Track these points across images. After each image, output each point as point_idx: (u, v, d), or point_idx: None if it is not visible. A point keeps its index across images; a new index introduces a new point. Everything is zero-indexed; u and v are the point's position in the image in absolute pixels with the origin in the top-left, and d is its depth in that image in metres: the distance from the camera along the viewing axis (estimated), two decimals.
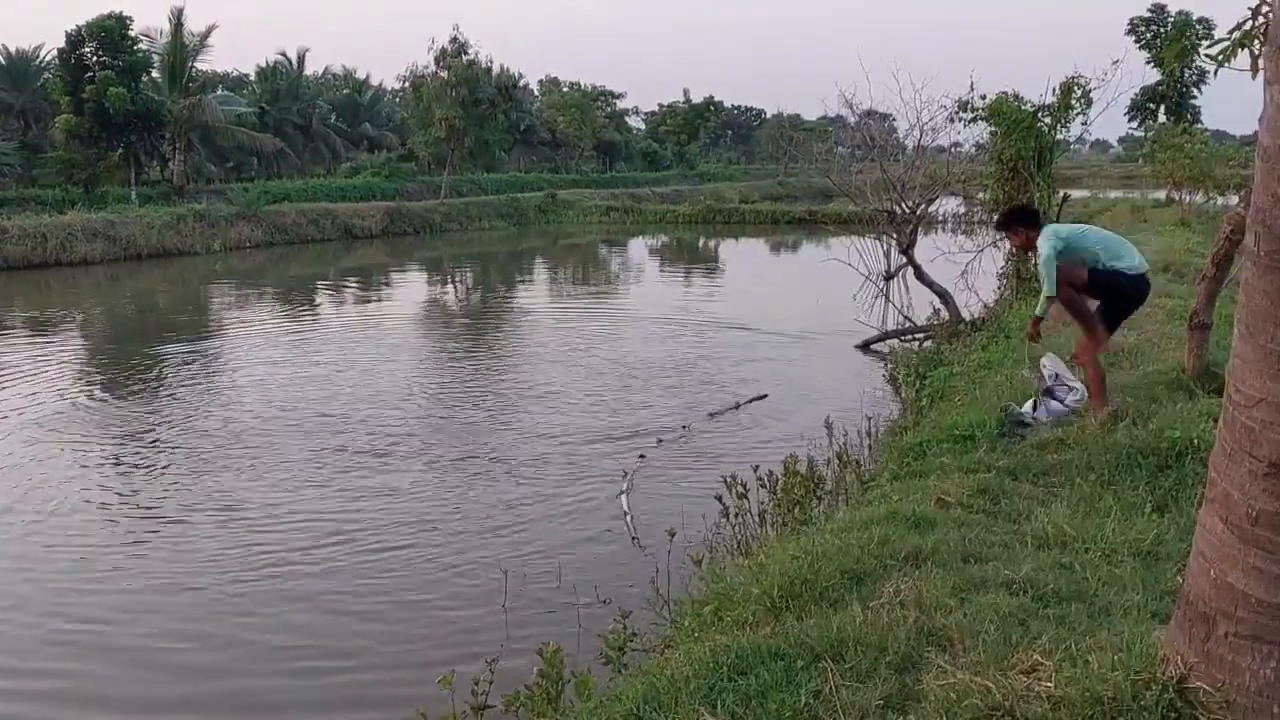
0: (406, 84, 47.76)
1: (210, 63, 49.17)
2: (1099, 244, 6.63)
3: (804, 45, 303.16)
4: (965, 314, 14.19)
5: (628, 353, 15.64)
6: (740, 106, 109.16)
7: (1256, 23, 5.15)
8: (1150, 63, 46.05)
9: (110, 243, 31.46)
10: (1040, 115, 13.30)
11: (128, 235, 32.06)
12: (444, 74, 45.13)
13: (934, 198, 16.03)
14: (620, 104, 74.67)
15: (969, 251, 15.31)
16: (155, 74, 39.52)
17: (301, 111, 53.75)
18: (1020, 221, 6.94)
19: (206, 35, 40.32)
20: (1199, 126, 39.51)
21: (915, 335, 14.82)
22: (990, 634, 3.41)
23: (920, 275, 14.89)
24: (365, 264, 33.34)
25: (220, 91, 49.79)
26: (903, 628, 3.51)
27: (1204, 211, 27.47)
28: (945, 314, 14.40)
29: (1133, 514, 4.83)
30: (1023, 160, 13.09)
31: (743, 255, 38.29)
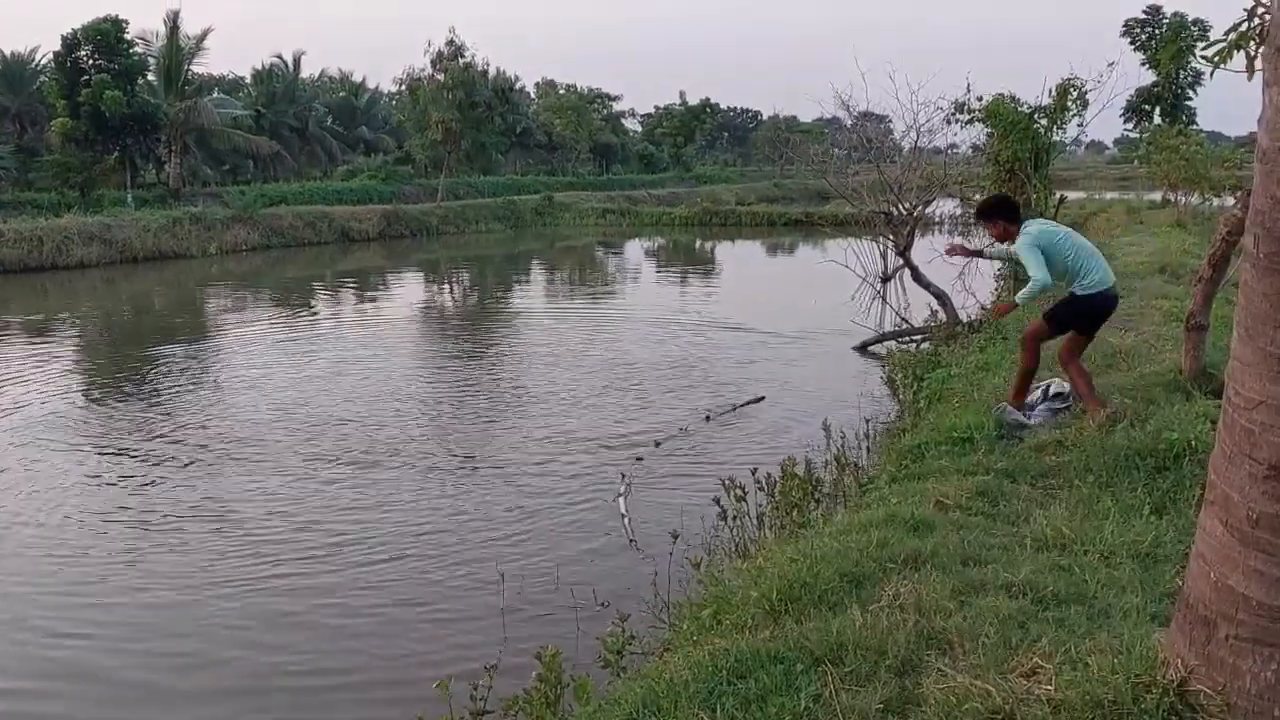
0: (403, 87, 47.75)
1: (206, 66, 49.18)
2: (1072, 255, 6.65)
3: (800, 47, 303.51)
4: (962, 315, 14.18)
5: (624, 355, 15.63)
6: (736, 108, 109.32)
7: (1252, 24, 5.15)
8: (1145, 64, 46.17)
9: (106, 246, 31.43)
10: (1036, 117, 13.31)
11: (123, 238, 32.04)
12: (440, 77, 45.12)
13: (931, 199, 16.03)
14: (616, 106, 74.97)
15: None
16: (151, 77, 39.51)
17: (298, 114, 53.71)
18: (1002, 214, 6.98)
19: (202, 38, 40.36)
20: (1194, 128, 39.59)
21: (912, 337, 14.82)
22: (990, 637, 3.41)
23: (917, 277, 14.89)
24: (362, 267, 33.32)
25: (216, 94, 49.76)
26: (902, 631, 3.51)
27: (1200, 213, 27.49)
28: (942, 316, 14.40)
29: (1131, 516, 4.83)
30: (1019, 162, 13.10)
31: (739, 257, 38.29)
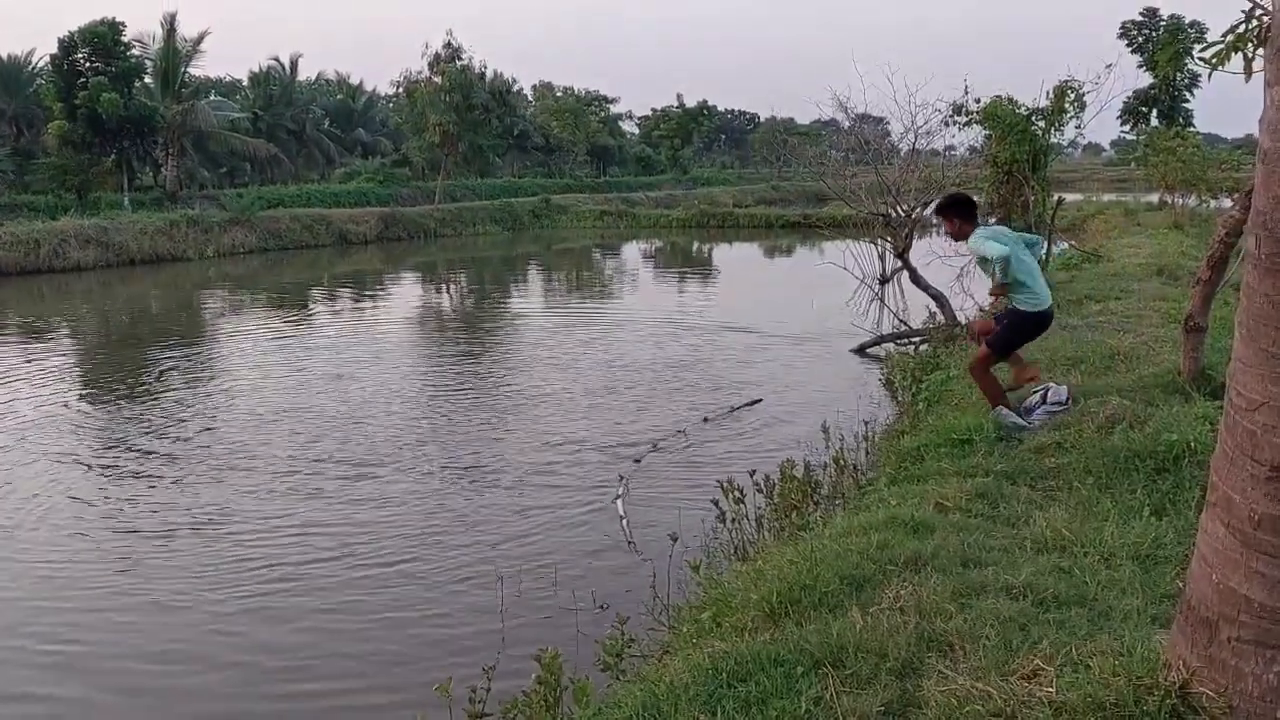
0: (400, 89, 47.78)
1: (203, 68, 49.34)
2: (1020, 271, 6.89)
3: (798, 50, 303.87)
4: (961, 317, 14.18)
5: (621, 357, 15.62)
6: (734, 111, 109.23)
7: (1250, 26, 5.16)
8: (1143, 66, 46.23)
9: (103, 249, 31.43)
10: (1034, 119, 13.33)
11: (120, 241, 32.04)
12: (438, 79, 45.14)
13: (929, 201, 16.02)
14: (614, 109, 74.95)
15: (964, 255, 15.29)
16: (148, 80, 39.52)
17: (295, 117, 53.71)
18: (958, 212, 7.11)
19: (199, 41, 40.37)
20: (1191, 130, 39.61)
21: (911, 339, 14.81)
22: (991, 639, 3.40)
23: (915, 279, 14.88)
24: (359, 269, 33.31)
25: (213, 97, 49.80)
26: (903, 633, 3.50)
27: (1197, 215, 27.54)
28: (941, 318, 14.39)
29: (1131, 517, 4.83)
30: (1017, 163, 13.12)
31: (736, 259, 38.31)
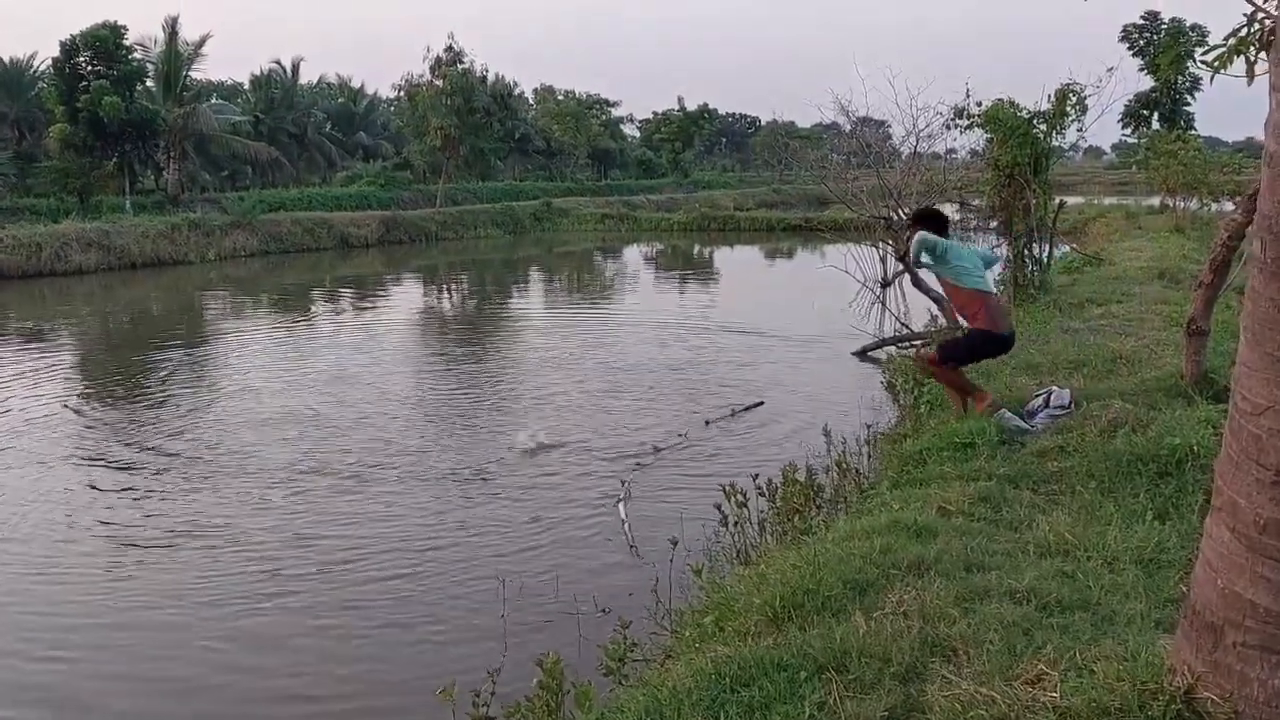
0: (402, 93, 47.75)
1: (204, 71, 48.99)
2: (954, 256, 7.24)
3: (798, 51, 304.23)
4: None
5: (622, 360, 15.62)
6: (735, 114, 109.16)
7: (1252, 29, 5.15)
8: (1144, 69, 46.21)
9: (105, 252, 31.44)
10: (1036, 122, 13.31)
11: (122, 244, 32.05)
12: (439, 83, 45.14)
13: (931, 204, 16.02)
14: (615, 112, 74.75)
15: None
16: (150, 83, 39.48)
17: (296, 120, 53.70)
18: (926, 225, 7.44)
19: (201, 44, 40.37)
20: (1192, 133, 39.62)
21: (913, 342, 14.79)
22: (994, 644, 3.39)
23: (917, 282, 14.85)
24: (361, 273, 33.31)
25: (215, 100, 49.82)
26: (906, 638, 3.49)
27: (1198, 218, 27.56)
28: (942, 321, 14.37)
29: (1134, 521, 4.82)
30: (1019, 167, 13.10)
31: (738, 262, 38.34)
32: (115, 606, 6.98)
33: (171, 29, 38.98)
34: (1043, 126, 13.31)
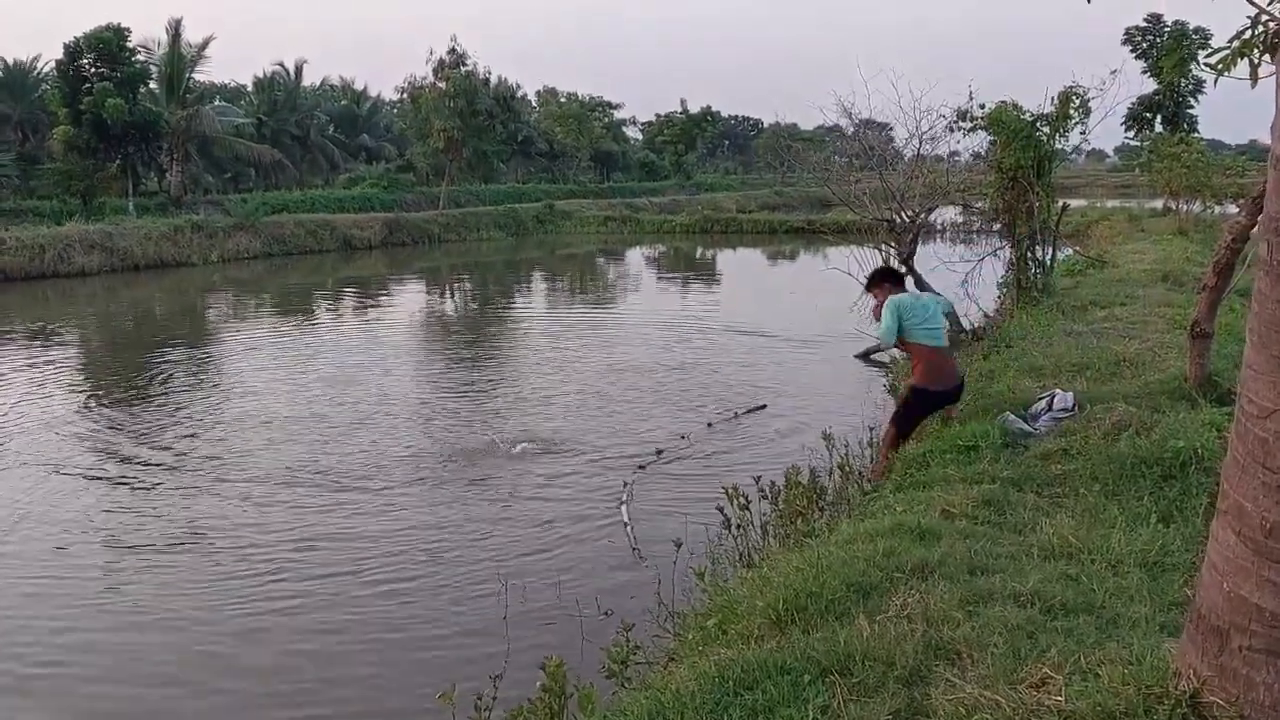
0: (404, 95, 47.84)
1: (207, 74, 49.12)
2: (915, 327, 7.36)
3: (799, 51, 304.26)
4: (965, 323, 14.15)
5: (624, 362, 15.61)
6: (737, 116, 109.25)
7: (1256, 31, 5.14)
8: (1147, 72, 46.19)
9: (107, 254, 31.47)
10: (1039, 124, 13.29)
11: (125, 246, 32.08)
12: (442, 85, 45.21)
13: (934, 206, 16.01)
14: (617, 114, 74.82)
15: (969, 260, 15.30)
16: (153, 85, 39.58)
17: (299, 122, 53.77)
18: (880, 282, 7.79)
19: (204, 46, 40.43)
20: (1195, 136, 39.59)
21: None
22: (998, 647, 3.38)
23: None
24: (364, 275, 33.31)
25: (218, 102, 49.89)
26: (910, 641, 3.48)
27: (1201, 220, 27.57)
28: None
29: (1138, 524, 4.81)
30: (1022, 169, 13.08)
31: (740, 265, 38.32)
32: (111, 612, 6.90)
33: (175, 31, 39.09)
34: (1046, 129, 13.29)
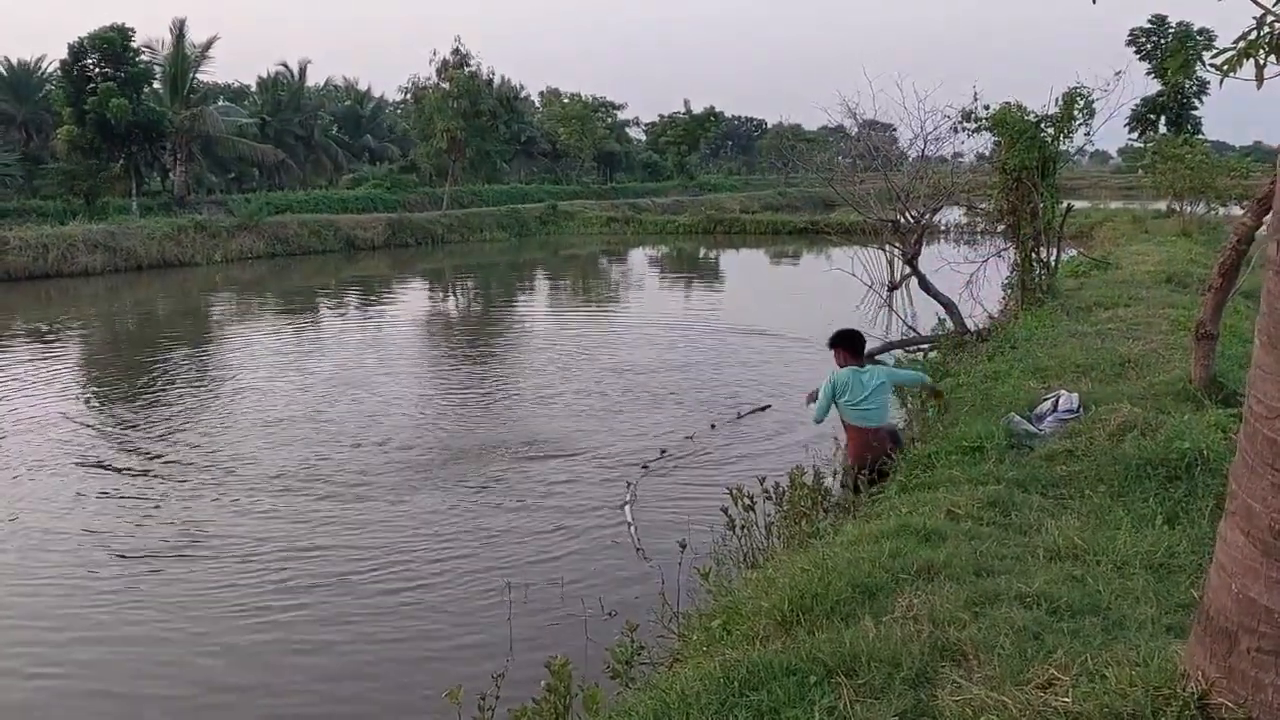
0: (408, 95, 47.92)
1: (211, 74, 49.32)
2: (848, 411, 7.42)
3: (802, 51, 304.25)
4: (970, 325, 14.13)
5: (628, 363, 15.61)
6: (741, 117, 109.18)
7: (1262, 33, 5.13)
8: (1151, 73, 46.14)
9: (111, 253, 31.53)
10: (1043, 125, 13.27)
11: (128, 246, 32.14)
12: (445, 85, 45.24)
13: (939, 207, 15.98)
14: (621, 115, 74.71)
15: (973, 261, 15.27)
16: (157, 85, 39.66)
17: (303, 123, 53.83)
18: (846, 346, 7.85)
19: (208, 46, 40.53)
20: (1199, 137, 39.54)
21: (920, 346, 14.75)
22: (1005, 648, 3.37)
23: (925, 286, 14.82)
24: (367, 275, 33.33)
25: (221, 102, 49.94)
26: (916, 642, 3.47)
27: (1206, 222, 27.53)
28: (950, 325, 14.33)
29: (1143, 526, 4.80)
30: (1027, 170, 13.05)
31: (743, 265, 38.30)
32: (106, 622, 6.75)
33: (179, 31, 39.17)
34: (1050, 130, 13.26)
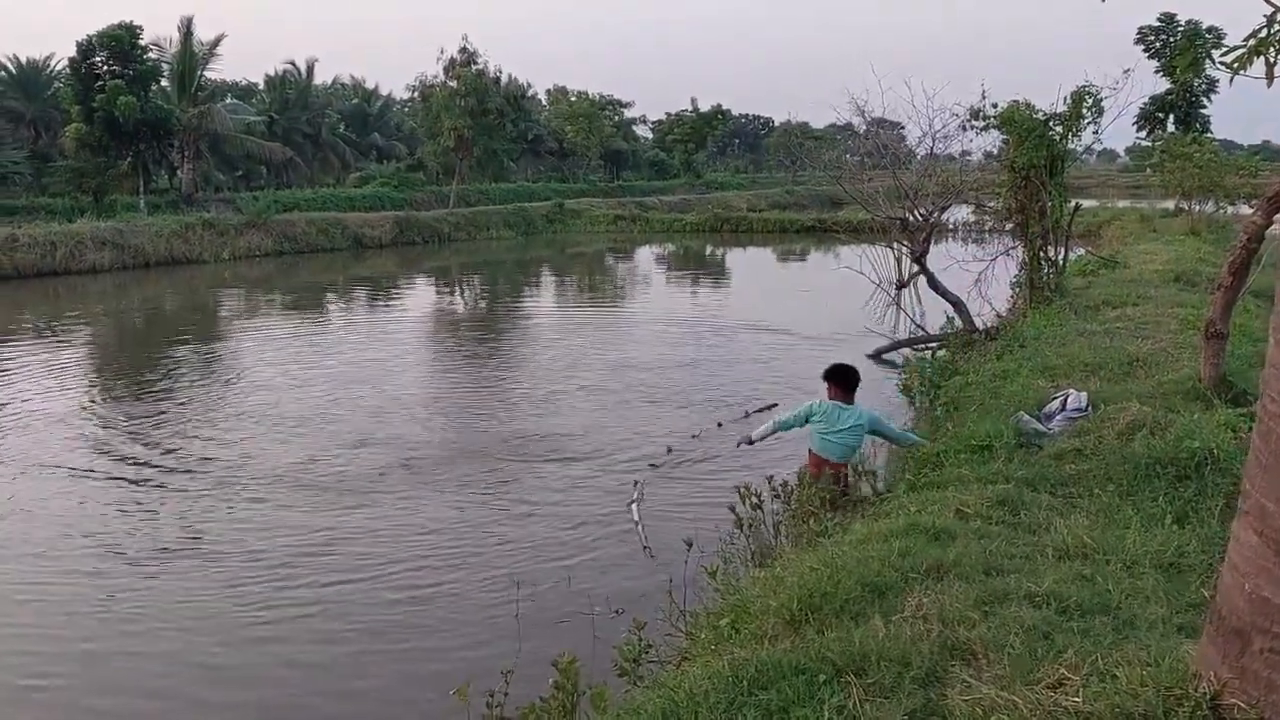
0: (415, 94, 47.93)
1: (219, 72, 49.39)
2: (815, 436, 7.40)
3: (805, 51, 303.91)
4: (979, 323, 14.11)
5: (634, 360, 15.60)
6: (748, 115, 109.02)
7: (1272, 30, 5.10)
8: (1160, 72, 46.00)
9: (119, 251, 31.61)
10: (1052, 124, 13.24)
11: (136, 244, 32.23)
12: (453, 84, 45.25)
13: (947, 205, 15.96)
14: (628, 113, 74.60)
15: (982, 260, 15.24)
16: (165, 83, 39.70)
17: (310, 121, 53.88)
18: (837, 381, 7.76)
19: (215, 44, 40.60)
20: (1208, 136, 39.41)
21: (928, 344, 14.73)
22: (1015, 648, 3.36)
23: (933, 284, 14.80)
24: (374, 273, 33.36)
25: (229, 100, 50.04)
26: (926, 642, 3.46)
27: (1214, 221, 27.44)
28: (959, 323, 14.31)
29: (1153, 525, 4.79)
30: (1035, 169, 13.02)
31: (751, 263, 38.26)
32: (110, 621, 6.70)
33: (186, 29, 39.21)
34: (1059, 128, 13.23)
